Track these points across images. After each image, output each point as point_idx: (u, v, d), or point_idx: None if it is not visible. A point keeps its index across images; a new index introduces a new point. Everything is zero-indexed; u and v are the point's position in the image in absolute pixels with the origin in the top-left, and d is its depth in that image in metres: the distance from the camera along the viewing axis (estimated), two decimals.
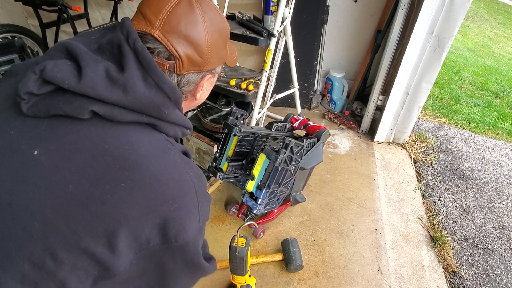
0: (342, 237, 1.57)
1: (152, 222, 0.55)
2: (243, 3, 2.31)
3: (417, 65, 1.93)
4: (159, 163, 0.56)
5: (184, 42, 0.59)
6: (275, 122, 1.61)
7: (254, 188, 1.36)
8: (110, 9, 2.59)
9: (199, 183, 0.62)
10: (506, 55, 5.05)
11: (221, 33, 0.66)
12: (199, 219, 0.62)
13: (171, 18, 0.58)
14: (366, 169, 2.05)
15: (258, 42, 1.59)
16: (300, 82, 2.26)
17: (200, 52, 0.61)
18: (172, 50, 0.58)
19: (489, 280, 1.47)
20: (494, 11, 7.93)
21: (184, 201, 0.59)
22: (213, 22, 0.63)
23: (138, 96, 0.54)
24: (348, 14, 2.42)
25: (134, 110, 0.55)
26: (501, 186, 2.04)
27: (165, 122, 0.60)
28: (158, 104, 0.56)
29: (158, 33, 0.58)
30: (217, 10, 0.65)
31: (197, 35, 0.60)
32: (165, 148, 0.59)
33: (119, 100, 0.53)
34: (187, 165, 0.62)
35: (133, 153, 0.54)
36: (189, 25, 0.59)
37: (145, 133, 0.58)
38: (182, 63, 0.60)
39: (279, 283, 1.35)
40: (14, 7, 2.74)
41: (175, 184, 0.57)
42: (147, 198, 0.54)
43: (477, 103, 3.12)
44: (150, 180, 0.55)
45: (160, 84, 0.56)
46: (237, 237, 1.10)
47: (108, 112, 0.53)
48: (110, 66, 0.55)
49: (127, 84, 0.53)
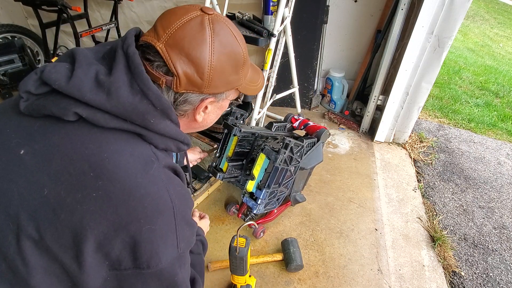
0: (342, 237, 1.57)
1: (122, 241, 0.53)
2: (243, 3, 2.30)
3: (417, 65, 1.93)
4: (136, 177, 0.53)
5: (185, 59, 0.56)
6: (275, 122, 1.61)
7: (254, 188, 1.36)
8: (110, 9, 2.59)
9: (179, 204, 0.58)
10: (506, 55, 5.05)
11: (231, 57, 0.62)
12: (177, 244, 0.58)
13: (177, 34, 0.56)
14: (366, 169, 2.05)
15: (258, 42, 1.59)
16: (300, 82, 2.26)
17: (200, 73, 0.58)
18: (170, 65, 0.56)
19: (489, 280, 1.47)
20: (494, 11, 7.92)
21: (158, 222, 0.54)
22: (223, 45, 0.59)
23: (121, 101, 0.52)
24: (348, 14, 2.42)
25: (118, 116, 0.53)
26: (501, 186, 2.04)
27: (152, 132, 0.57)
28: (142, 112, 0.54)
29: (161, 46, 0.56)
30: (232, 35, 0.61)
31: (199, 55, 0.57)
32: (148, 161, 0.56)
33: (102, 103, 0.52)
34: (169, 182, 0.58)
35: (110, 163, 0.52)
36: (194, 43, 0.56)
37: (130, 143, 0.56)
38: (180, 80, 0.57)
39: (279, 283, 1.35)
40: (14, 7, 2.74)
41: (150, 201, 0.54)
42: (117, 213, 0.52)
43: (477, 103, 3.12)
44: (123, 194, 0.52)
45: (145, 90, 0.54)
46: (237, 237, 1.10)
47: (92, 115, 0.52)
48: (101, 70, 0.54)
49: (111, 88, 0.52)
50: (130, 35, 0.58)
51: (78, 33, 2.29)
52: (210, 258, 1.42)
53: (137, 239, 0.53)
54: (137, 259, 0.54)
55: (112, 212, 0.52)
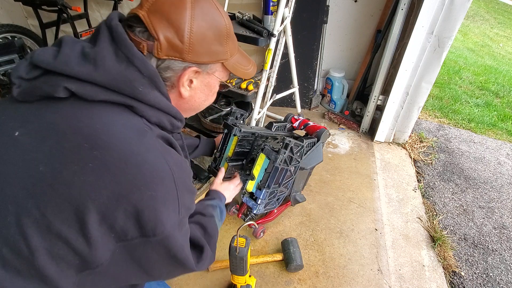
0: (342, 237, 1.57)
1: (124, 211, 0.53)
2: (243, 3, 2.30)
3: (417, 65, 1.93)
4: (131, 144, 0.54)
5: (165, 23, 0.58)
6: (275, 122, 1.61)
7: (254, 188, 1.36)
8: (110, 9, 2.59)
9: (178, 171, 0.59)
10: (506, 55, 5.05)
11: (213, 26, 0.63)
12: (179, 210, 0.59)
13: (158, 0, 0.58)
14: (366, 169, 2.05)
15: (258, 42, 1.59)
16: (300, 82, 2.26)
17: (180, 36, 0.59)
18: (151, 29, 0.58)
19: (489, 280, 1.47)
20: (494, 11, 7.92)
21: (159, 188, 0.55)
22: (204, 13, 0.61)
23: (107, 69, 0.54)
24: (348, 14, 2.42)
25: (107, 87, 0.54)
26: (501, 186, 2.04)
27: (143, 103, 0.58)
28: (130, 79, 0.55)
29: (143, 13, 0.58)
30: (215, 6, 0.64)
31: (179, 18, 0.58)
32: (141, 130, 0.57)
33: (89, 74, 0.53)
34: (164, 151, 0.59)
35: (104, 133, 0.53)
36: (173, 7, 0.58)
37: (122, 115, 0.57)
38: (160, 44, 0.58)
39: (279, 283, 1.35)
40: (14, 7, 2.73)
41: (147, 168, 0.54)
42: (116, 182, 0.52)
43: (477, 103, 3.12)
44: (120, 162, 0.52)
45: (129, 57, 0.55)
46: (237, 237, 1.10)
47: (81, 89, 0.53)
48: (86, 45, 0.56)
49: (97, 57, 0.54)
50: (113, 14, 0.61)
51: (78, 33, 2.30)
52: None
53: (139, 207, 0.54)
54: (142, 227, 0.55)
55: (110, 181, 0.52)
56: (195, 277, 1.35)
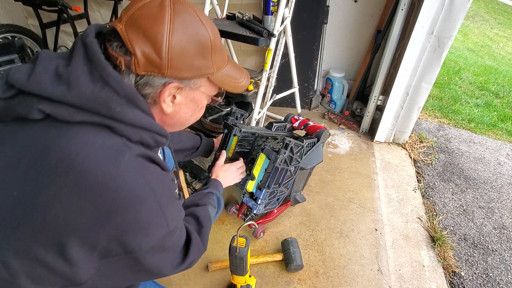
0: (342, 237, 1.57)
1: (107, 233, 0.52)
2: (243, 3, 2.30)
3: (417, 65, 1.93)
4: (108, 167, 0.52)
5: (142, 37, 0.55)
6: (275, 122, 1.61)
7: (254, 188, 1.36)
8: (110, 9, 2.58)
9: (160, 189, 0.58)
10: (506, 55, 5.05)
11: (194, 39, 0.59)
12: (167, 224, 0.59)
13: (136, 13, 0.56)
14: (366, 169, 2.05)
15: (258, 42, 1.59)
16: (300, 82, 2.26)
17: (158, 51, 0.55)
18: (128, 43, 0.54)
19: (489, 280, 1.47)
20: (494, 11, 7.93)
21: (142, 209, 0.54)
22: (185, 25, 0.57)
23: (81, 90, 0.51)
24: (348, 14, 2.42)
25: (82, 108, 0.52)
26: (501, 186, 2.04)
27: (122, 123, 0.55)
28: (105, 100, 0.52)
29: (121, 27, 0.55)
30: (198, 18, 0.59)
31: (156, 31, 0.55)
32: (119, 150, 0.54)
33: (64, 96, 0.51)
34: (144, 170, 0.57)
35: (79, 155, 0.51)
36: (151, 21, 0.55)
37: (100, 135, 0.54)
38: (138, 60, 0.55)
39: (279, 283, 1.35)
40: (14, 7, 2.73)
41: (127, 190, 0.53)
42: (94, 207, 0.51)
43: (477, 103, 3.12)
44: (97, 187, 0.51)
45: (104, 77, 0.52)
46: (237, 237, 1.10)
47: (56, 110, 0.51)
48: (60, 63, 0.54)
49: (70, 78, 0.51)
50: (90, 28, 0.58)
51: (78, 33, 2.30)
52: (210, 258, 1.42)
53: (122, 229, 0.53)
54: (126, 246, 0.55)
55: (88, 206, 0.51)
56: (195, 277, 1.35)
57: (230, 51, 2.27)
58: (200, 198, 0.95)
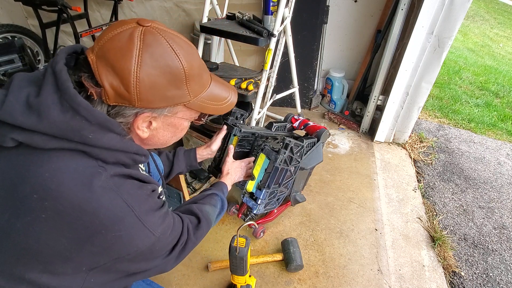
0: (342, 237, 1.57)
1: (89, 251, 0.54)
2: (243, 3, 2.30)
3: (417, 65, 1.93)
4: (83, 191, 0.53)
5: (110, 71, 0.54)
6: (275, 122, 1.61)
7: (254, 188, 1.36)
8: (110, 9, 2.58)
9: (138, 204, 0.59)
10: (506, 55, 5.05)
11: (165, 71, 0.57)
12: (152, 233, 0.60)
13: (106, 45, 0.54)
14: (366, 169, 2.05)
15: (258, 42, 1.59)
16: (300, 82, 2.26)
17: (126, 85, 0.54)
18: (97, 76, 0.54)
19: (489, 280, 1.47)
20: (494, 11, 7.92)
21: (122, 227, 0.56)
22: (155, 58, 0.55)
23: (52, 120, 0.51)
24: (348, 14, 2.42)
25: (55, 135, 0.52)
26: (501, 186, 2.04)
27: (97, 148, 0.55)
28: (77, 128, 0.52)
29: (92, 58, 0.55)
30: (170, 48, 0.57)
31: (123, 66, 0.54)
32: (93, 174, 0.55)
33: (35, 126, 0.51)
34: (120, 189, 0.57)
35: (53, 182, 0.52)
36: (119, 54, 0.54)
37: (74, 159, 0.54)
38: (107, 92, 0.54)
39: (279, 283, 1.35)
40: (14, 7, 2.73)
41: (105, 211, 0.54)
42: (74, 230, 0.52)
43: (477, 103, 3.12)
44: (74, 211, 0.52)
45: (74, 106, 0.52)
46: (237, 237, 1.10)
47: (29, 139, 0.52)
48: (31, 92, 0.53)
49: (41, 108, 0.51)
50: (61, 52, 0.57)
51: (78, 33, 2.29)
52: (210, 258, 1.42)
53: (106, 247, 0.55)
54: (114, 257, 0.56)
55: (67, 229, 0.52)
56: (195, 277, 1.35)
57: (230, 51, 2.27)
58: (200, 198, 0.96)
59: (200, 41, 1.87)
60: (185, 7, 2.52)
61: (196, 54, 0.63)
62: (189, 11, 2.53)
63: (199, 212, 0.85)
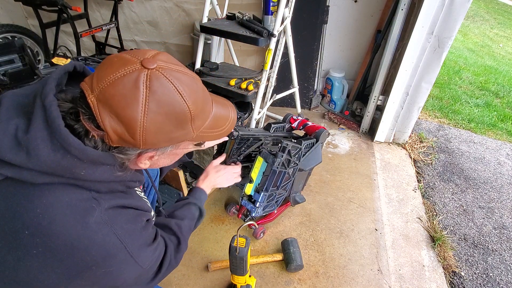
0: (342, 237, 1.57)
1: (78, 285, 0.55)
2: (243, 3, 2.30)
3: (417, 65, 1.93)
4: (75, 229, 0.52)
5: (114, 118, 0.51)
6: (273, 123, 1.61)
7: (252, 191, 1.36)
8: (110, 9, 2.58)
9: (131, 240, 0.58)
10: (506, 55, 5.05)
11: (171, 116, 0.54)
12: (141, 266, 0.61)
13: (108, 90, 0.50)
14: (366, 169, 2.05)
15: (258, 42, 1.59)
16: (300, 82, 2.25)
17: (131, 133, 0.52)
18: (99, 121, 0.51)
19: (489, 280, 1.47)
20: (494, 11, 7.92)
21: (113, 263, 0.56)
22: (160, 105, 0.52)
23: (41, 159, 0.49)
24: (348, 14, 2.42)
25: (45, 172, 0.50)
26: (501, 186, 2.04)
27: (89, 181, 0.54)
28: (68, 167, 0.51)
29: (93, 100, 0.51)
30: (175, 91, 0.54)
31: (129, 115, 0.50)
32: (87, 209, 0.53)
33: (23, 163, 0.49)
34: (114, 223, 0.56)
35: (45, 218, 0.50)
36: (123, 103, 0.50)
37: (66, 193, 0.53)
38: (110, 137, 0.52)
39: (279, 283, 1.35)
40: (14, 7, 2.73)
41: (97, 249, 0.53)
42: (65, 266, 0.52)
43: (477, 103, 3.12)
44: (66, 248, 0.51)
45: (65, 146, 0.50)
46: (237, 237, 1.10)
47: (18, 174, 0.50)
48: (20, 125, 0.51)
49: (29, 146, 0.49)
50: (51, 81, 0.54)
51: (78, 33, 2.29)
52: (210, 258, 1.42)
53: (94, 280, 0.55)
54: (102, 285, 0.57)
55: (58, 265, 0.52)
56: (195, 277, 1.35)
57: (230, 51, 2.27)
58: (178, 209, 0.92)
59: (200, 41, 1.87)
60: (185, 7, 2.52)
61: (200, 86, 0.60)
62: (189, 11, 2.53)
63: (178, 230, 0.83)
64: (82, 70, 0.63)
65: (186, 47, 2.76)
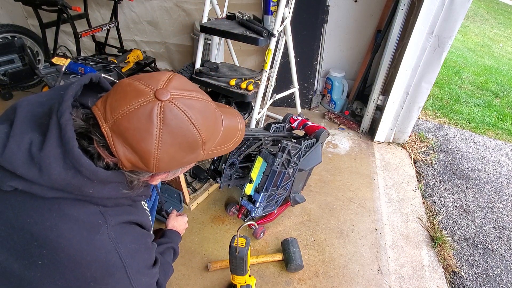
0: (342, 237, 1.57)
1: None
2: (243, 3, 2.30)
3: (417, 65, 1.93)
4: (81, 244, 0.54)
5: (130, 150, 0.53)
6: (273, 123, 1.61)
7: (252, 191, 1.36)
8: (110, 9, 2.58)
9: (132, 260, 0.60)
10: (506, 55, 5.05)
11: (184, 145, 0.56)
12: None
13: (123, 122, 0.51)
14: (366, 169, 2.05)
15: (258, 42, 1.59)
16: (300, 82, 2.26)
17: (145, 162, 0.54)
18: (113, 151, 0.53)
19: (489, 280, 1.47)
20: (494, 11, 7.92)
21: (110, 281, 0.57)
22: (174, 136, 0.53)
23: (53, 177, 0.51)
24: (348, 14, 2.42)
25: (55, 188, 0.52)
26: (501, 186, 2.04)
27: (97, 198, 0.56)
28: (77, 186, 0.53)
29: (106, 130, 0.52)
30: (188, 121, 0.54)
31: (143, 148, 0.52)
32: (94, 225, 0.56)
33: (35, 178, 0.51)
34: (119, 241, 0.58)
35: (53, 232, 0.53)
36: (138, 137, 0.51)
37: (75, 207, 0.55)
38: (124, 164, 0.54)
39: (279, 283, 1.35)
40: (14, 7, 2.73)
41: (98, 265, 0.55)
42: (65, 279, 0.54)
43: (477, 103, 3.12)
44: (69, 262, 0.54)
45: (77, 167, 0.51)
46: (237, 237, 1.10)
47: (28, 188, 0.52)
48: (35, 140, 0.52)
49: (42, 164, 0.50)
50: (67, 97, 0.54)
51: (78, 33, 2.29)
52: (210, 258, 1.42)
53: None
54: None
55: (59, 278, 0.54)
56: (195, 277, 1.35)
57: (230, 51, 2.28)
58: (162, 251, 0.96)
59: (200, 41, 1.87)
60: (185, 7, 2.52)
61: (212, 109, 0.60)
62: (189, 11, 2.53)
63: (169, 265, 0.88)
64: (98, 81, 0.64)
65: (186, 47, 2.77)
